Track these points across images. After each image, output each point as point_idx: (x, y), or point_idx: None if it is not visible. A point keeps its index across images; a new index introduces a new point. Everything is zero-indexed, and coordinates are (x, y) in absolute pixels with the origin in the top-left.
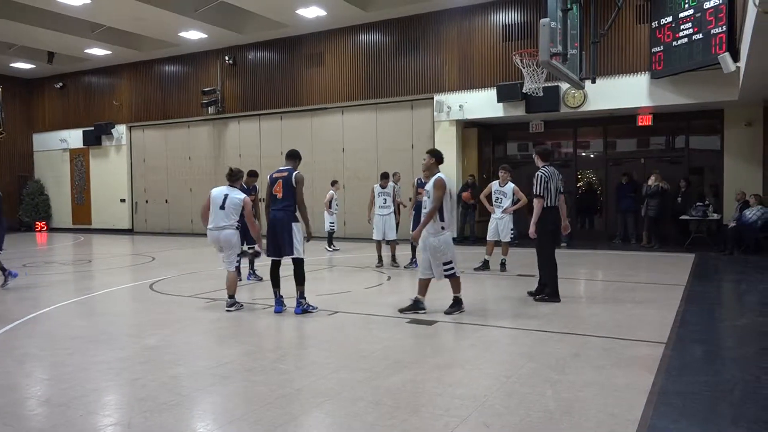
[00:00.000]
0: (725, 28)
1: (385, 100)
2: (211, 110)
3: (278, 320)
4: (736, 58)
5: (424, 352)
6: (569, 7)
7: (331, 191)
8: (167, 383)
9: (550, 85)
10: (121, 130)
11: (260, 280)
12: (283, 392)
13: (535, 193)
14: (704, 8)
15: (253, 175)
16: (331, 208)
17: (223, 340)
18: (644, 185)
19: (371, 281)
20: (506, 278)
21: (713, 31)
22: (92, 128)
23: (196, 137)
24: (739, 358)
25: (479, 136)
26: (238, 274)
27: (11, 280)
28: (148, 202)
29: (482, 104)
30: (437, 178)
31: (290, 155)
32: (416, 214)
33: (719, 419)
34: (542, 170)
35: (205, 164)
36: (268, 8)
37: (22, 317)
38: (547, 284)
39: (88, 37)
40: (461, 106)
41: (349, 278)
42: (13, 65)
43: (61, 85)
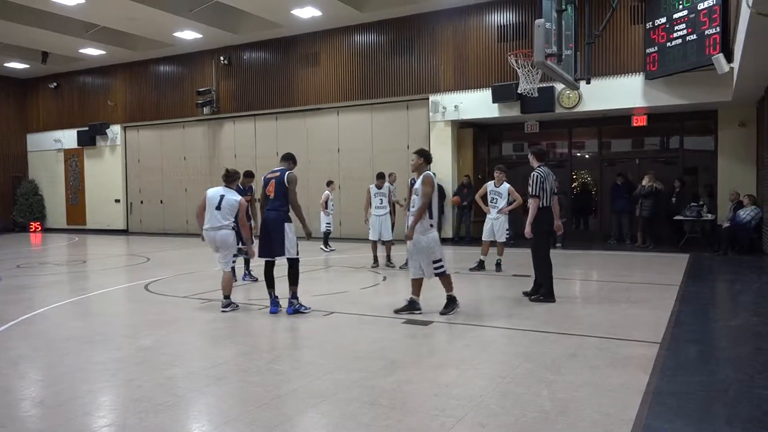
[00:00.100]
0: (719, 29)
1: (380, 100)
2: (206, 110)
3: (274, 321)
4: (729, 59)
5: (419, 352)
6: (564, 8)
7: (326, 191)
8: (163, 384)
9: (545, 85)
10: (115, 130)
11: (255, 280)
12: (278, 393)
13: (531, 193)
14: (698, 9)
15: (249, 175)
16: (327, 208)
17: (218, 340)
18: (638, 186)
19: (367, 282)
20: (501, 278)
21: (707, 32)
22: (87, 128)
23: (191, 137)
24: (733, 358)
25: (474, 136)
26: (233, 274)
27: None
28: (143, 202)
29: (477, 105)
30: (426, 174)
31: (285, 157)
32: None
33: (714, 419)
34: (538, 170)
35: (200, 165)
36: (262, 8)
37: (16, 318)
38: (542, 284)
39: (82, 37)
40: (456, 106)
41: (344, 279)
42: (6, 65)
43: (55, 85)
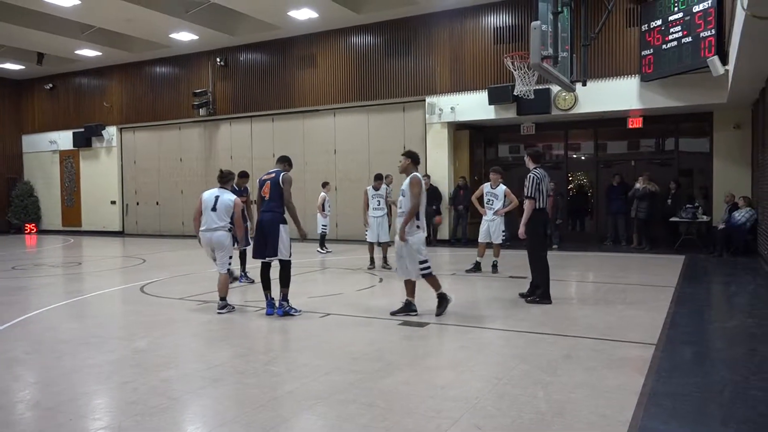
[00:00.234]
0: (714, 31)
1: (376, 102)
2: (202, 112)
3: (269, 322)
4: (724, 61)
5: (415, 354)
6: (560, 10)
7: (323, 193)
8: (158, 386)
9: (541, 87)
10: (111, 131)
11: (252, 282)
12: (274, 394)
13: (527, 194)
14: (693, 12)
15: (243, 176)
16: (324, 210)
17: (214, 342)
18: (633, 187)
19: (363, 283)
20: (498, 280)
21: (702, 34)
22: (82, 130)
23: (187, 139)
24: (728, 359)
25: (471, 138)
26: (229, 276)
27: None
28: (138, 204)
29: (474, 106)
30: (413, 176)
31: (281, 159)
32: None
33: (709, 420)
34: (534, 172)
35: (196, 166)
36: (259, 10)
37: (10, 320)
38: (538, 286)
39: (78, 38)
40: (453, 108)
41: (341, 280)
42: (2, 66)
43: (50, 86)
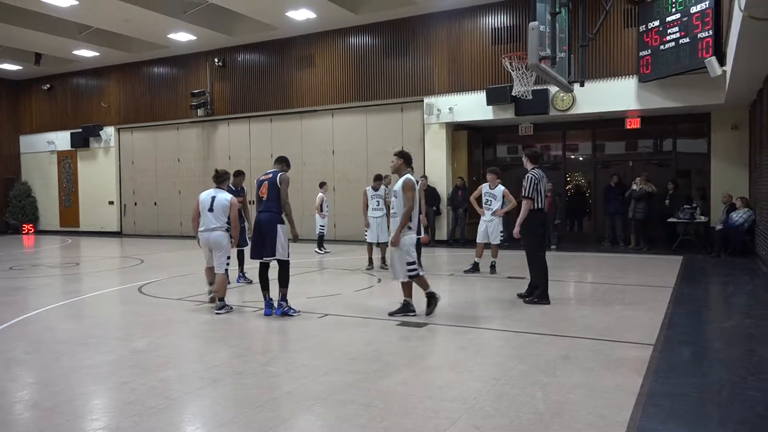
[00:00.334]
0: (712, 32)
1: (375, 102)
2: (200, 112)
3: (268, 323)
4: (722, 62)
5: (414, 354)
6: (558, 10)
7: (320, 194)
8: (156, 387)
9: (539, 88)
10: (109, 132)
11: (250, 282)
12: (273, 395)
13: (525, 194)
14: (691, 12)
15: (238, 174)
16: (322, 210)
17: (212, 343)
18: (630, 188)
19: (361, 284)
20: (496, 280)
21: (700, 35)
22: (80, 130)
23: (185, 139)
24: (726, 359)
25: (469, 138)
26: (227, 276)
27: None
28: (136, 204)
29: (472, 107)
30: (406, 179)
31: (278, 160)
32: None
33: (707, 420)
34: (532, 172)
35: (194, 166)
36: (257, 10)
37: (8, 321)
38: (537, 286)
39: (75, 38)
40: (451, 108)
41: (339, 281)
42: None
43: (48, 86)
